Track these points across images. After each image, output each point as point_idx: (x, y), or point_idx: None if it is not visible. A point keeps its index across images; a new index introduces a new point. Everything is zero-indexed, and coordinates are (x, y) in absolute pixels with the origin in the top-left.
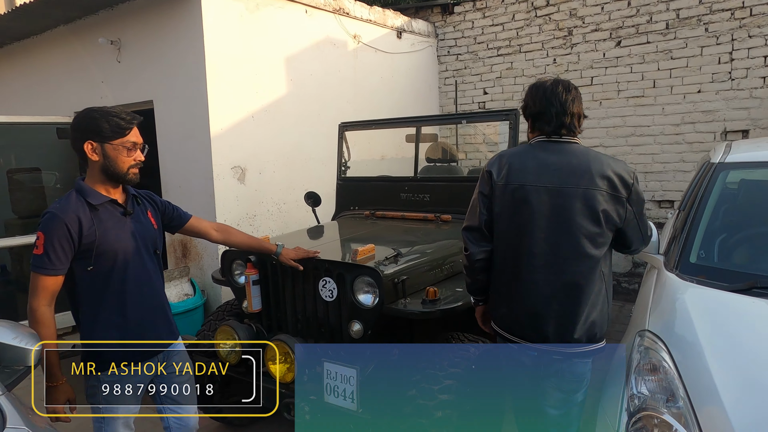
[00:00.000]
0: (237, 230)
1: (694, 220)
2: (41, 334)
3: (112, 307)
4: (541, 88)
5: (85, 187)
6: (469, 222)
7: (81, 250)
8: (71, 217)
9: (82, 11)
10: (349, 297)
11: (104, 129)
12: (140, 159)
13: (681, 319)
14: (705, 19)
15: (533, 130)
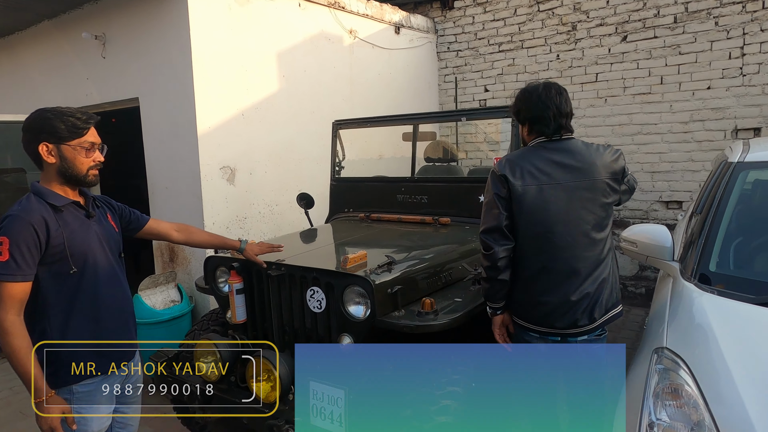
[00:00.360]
0: (199, 229)
1: (712, 224)
2: (14, 345)
3: (85, 313)
4: (534, 93)
5: (43, 189)
6: (487, 224)
7: (49, 253)
8: (37, 218)
9: (65, 5)
10: (338, 308)
11: (60, 129)
12: (99, 160)
13: (703, 336)
14: (715, 13)
15: (530, 133)
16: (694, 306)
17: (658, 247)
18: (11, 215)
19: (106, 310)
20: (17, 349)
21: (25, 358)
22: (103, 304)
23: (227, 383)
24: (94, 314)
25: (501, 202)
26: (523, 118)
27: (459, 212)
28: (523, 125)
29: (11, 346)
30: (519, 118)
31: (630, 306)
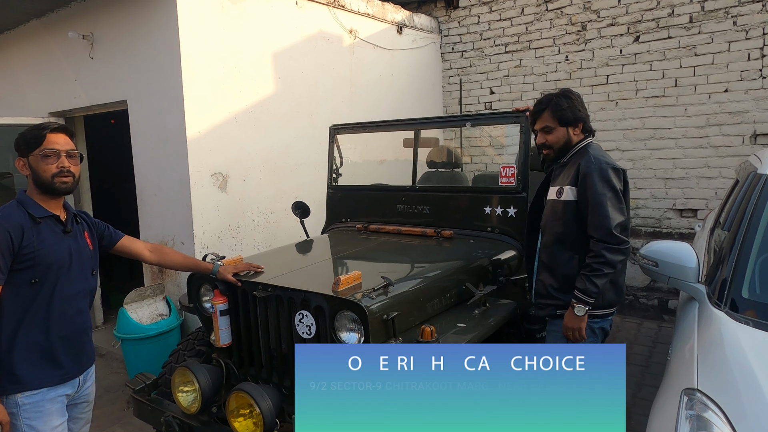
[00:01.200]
0: (173, 250)
1: (744, 242)
2: None
3: (35, 325)
4: (578, 96)
5: (27, 199)
6: (617, 219)
7: (17, 261)
8: (14, 225)
9: (52, 3)
10: (329, 335)
11: (22, 142)
12: (63, 165)
13: (742, 377)
14: (733, 12)
15: (582, 132)
16: (726, 340)
17: (682, 267)
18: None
19: (57, 323)
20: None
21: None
22: (55, 317)
23: (208, 415)
24: (44, 327)
25: (622, 197)
26: (577, 117)
27: (463, 224)
28: (575, 126)
29: None
30: (570, 118)
31: (642, 319)
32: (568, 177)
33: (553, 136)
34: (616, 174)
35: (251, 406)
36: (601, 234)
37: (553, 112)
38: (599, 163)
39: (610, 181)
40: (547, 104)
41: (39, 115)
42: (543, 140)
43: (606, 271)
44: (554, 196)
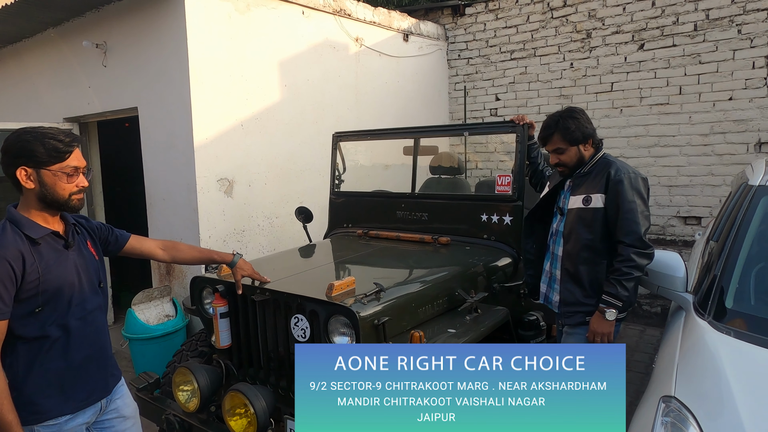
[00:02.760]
0: (186, 245)
1: (730, 253)
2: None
3: (53, 352)
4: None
5: (20, 218)
6: (647, 225)
7: (23, 290)
8: (13, 252)
9: (67, 13)
10: (323, 338)
11: (39, 153)
12: (83, 185)
13: (717, 387)
14: (738, 20)
15: (591, 146)
16: (707, 349)
17: (670, 276)
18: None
19: (77, 345)
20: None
21: (1, 401)
22: (75, 339)
23: (207, 413)
24: (64, 351)
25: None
26: (586, 135)
27: (460, 231)
28: (585, 143)
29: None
30: (580, 138)
31: (645, 326)
32: (595, 186)
33: (566, 156)
34: (644, 183)
35: (246, 406)
36: (632, 239)
37: (563, 135)
38: (628, 172)
39: (639, 189)
40: (555, 128)
41: (55, 121)
42: (557, 160)
43: (635, 275)
44: (580, 204)
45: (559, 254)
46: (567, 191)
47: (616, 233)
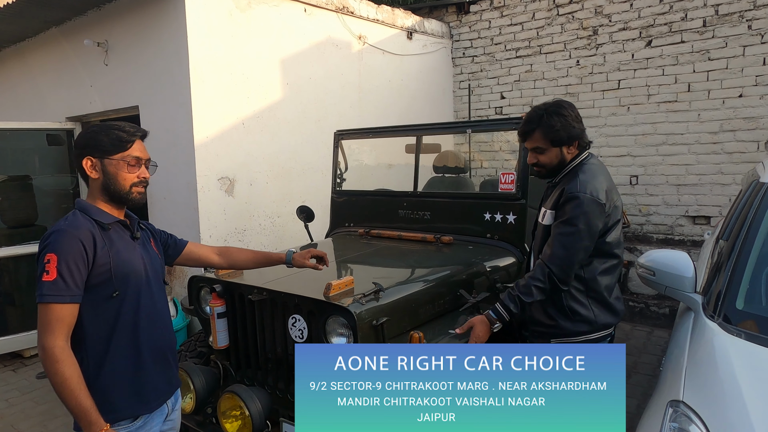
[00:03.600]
0: (239, 249)
1: (740, 253)
2: (65, 374)
3: (125, 343)
4: (572, 107)
5: (89, 206)
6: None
7: (94, 273)
8: (86, 234)
9: (70, 12)
10: (321, 339)
11: (103, 143)
12: (145, 176)
13: (727, 391)
14: (748, 16)
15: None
16: (716, 352)
17: (678, 276)
18: (59, 230)
19: (147, 340)
20: (68, 378)
21: (77, 388)
22: (144, 333)
23: (203, 415)
24: (134, 345)
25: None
26: (571, 136)
27: (463, 230)
28: (569, 145)
29: (62, 375)
30: (564, 138)
31: (652, 327)
32: (553, 199)
33: (545, 157)
34: (599, 208)
35: (241, 408)
36: (551, 262)
37: (545, 133)
38: (585, 190)
39: (587, 214)
40: (537, 123)
41: (57, 120)
42: (534, 160)
43: (536, 298)
44: (540, 219)
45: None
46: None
47: (545, 248)
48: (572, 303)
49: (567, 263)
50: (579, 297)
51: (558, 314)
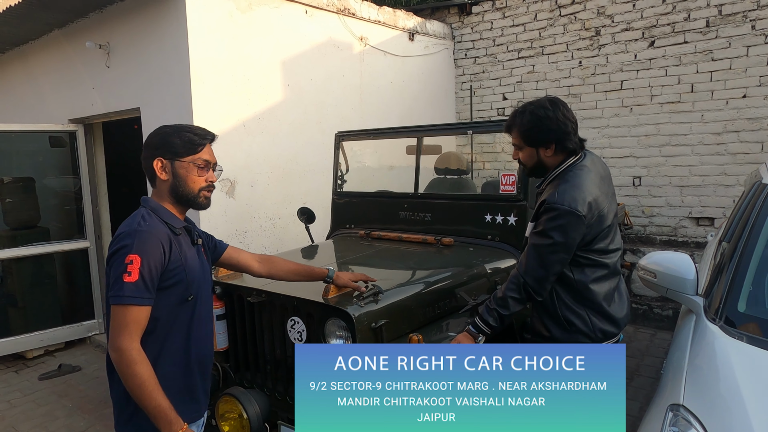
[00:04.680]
0: (283, 260)
1: (743, 254)
2: (143, 375)
3: (176, 351)
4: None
5: (158, 206)
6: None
7: (165, 277)
8: (163, 236)
9: (72, 14)
10: (320, 341)
11: (175, 145)
12: (212, 180)
13: (728, 395)
14: (752, 16)
15: (557, 153)
16: (717, 355)
17: (679, 279)
18: (140, 230)
19: (195, 347)
20: (146, 380)
21: (155, 389)
22: (194, 341)
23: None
24: (185, 351)
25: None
26: (545, 139)
27: (464, 232)
28: (545, 147)
29: (140, 377)
30: (537, 140)
31: (655, 329)
32: (533, 211)
33: (523, 155)
34: (577, 220)
35: (239, 411)
36: (529, 275)
37: (520, 132)
38: (563, 202)
39: (563, 227)
40: (513, 120)
41: (60, 122)
42: (517, 156)
43: (513, 310)
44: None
45: None
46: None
47: (521, 257)
48: (567, 313)
49: (541, 275)
50: (574, 306)
51: (554, 325)
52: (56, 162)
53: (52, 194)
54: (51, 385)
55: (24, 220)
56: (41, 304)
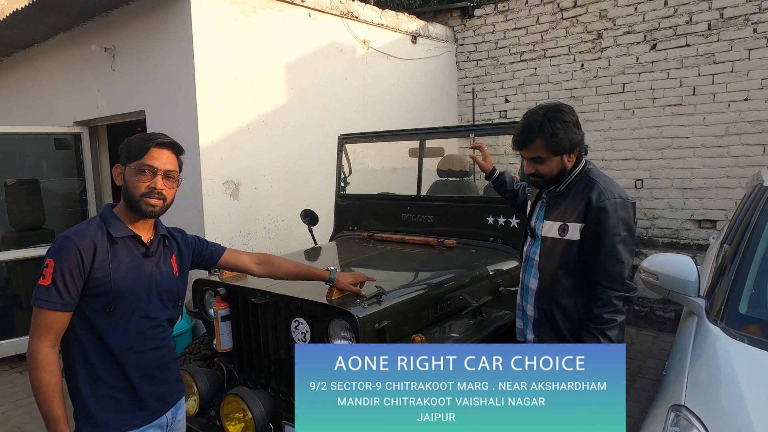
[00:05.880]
0: (283, 260)
1: (744, 256)
2: (43, 381)
3: (110, 357)
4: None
5: (109, 215)
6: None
7: (89, 285)
8: (87, 242)
9: (78, 17)
10: (323, 342)
11: (129, 150)
12: (154, 186)
13: (730, 397)
14: (753, 19)
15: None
16: (719, 356)
17: (681, 281)
18: (63, 236)
19: (134, 359)
20: (45, 385)
21: (51, 396)
22: (131, 352)
23: (207, 417)
24: (119, 362)
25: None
26: (573, 143)
27: (466, 234)
28: (570, 153)
29: (39, 381)
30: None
31: (658, 332)
32: (574, 211)
33: (545, 167)
34: (633, 209)
35: (244, 411)
36: (612, 282)
37: (547, 142)
38: (614, 196)
39: (625, 218)
40: (538, 131)
41: (65, 124)
42: (533, 170)
43: (619, 321)
44: (556, 234)
45: (533, 288)
46: (541, 210)
47: (594, 272)
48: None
49: (626, 274)
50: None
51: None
52: (61, 164)
53: (57, 196)
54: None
55: (29, 222)
56: None
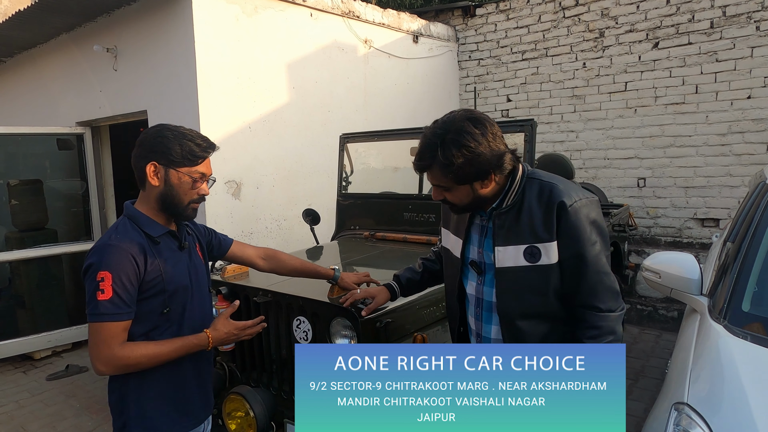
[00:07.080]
0: (288, 256)
1: (747, 254)
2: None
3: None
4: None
5: (139, 215)
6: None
7: (143, 288)
8: (135, 247)
9: (80, 18)
10: (325, 340)
11: (174, 152)
12: (204, 193)
13: (733, 395)
14: (756, 17)
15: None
16: (722, 354)
17: (684, 279)
18: (109, 244)
19: (190, 358)
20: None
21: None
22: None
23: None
24: (177, 362)
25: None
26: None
27: None
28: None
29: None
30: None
31: (661, 331)
32: (538, 228)
33: (453, 196)
34: (598, 206)
35: (246, 409)
36: (608, 302)
37: (443, 171)
38: (579, 196)
39: (597, 221)
40: (431, 158)
41: (68, 125)
42: (441, 197)
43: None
44: (523, 261)
45: (490, 336)
46: (484, 237)
47: (581, 297)
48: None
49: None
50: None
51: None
52: (64, 164)
53: (60, 196)
54: (59, 386)
55: (32, 222)
56: (49, 305)
